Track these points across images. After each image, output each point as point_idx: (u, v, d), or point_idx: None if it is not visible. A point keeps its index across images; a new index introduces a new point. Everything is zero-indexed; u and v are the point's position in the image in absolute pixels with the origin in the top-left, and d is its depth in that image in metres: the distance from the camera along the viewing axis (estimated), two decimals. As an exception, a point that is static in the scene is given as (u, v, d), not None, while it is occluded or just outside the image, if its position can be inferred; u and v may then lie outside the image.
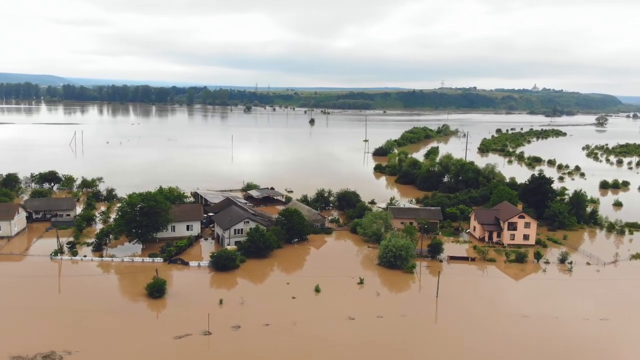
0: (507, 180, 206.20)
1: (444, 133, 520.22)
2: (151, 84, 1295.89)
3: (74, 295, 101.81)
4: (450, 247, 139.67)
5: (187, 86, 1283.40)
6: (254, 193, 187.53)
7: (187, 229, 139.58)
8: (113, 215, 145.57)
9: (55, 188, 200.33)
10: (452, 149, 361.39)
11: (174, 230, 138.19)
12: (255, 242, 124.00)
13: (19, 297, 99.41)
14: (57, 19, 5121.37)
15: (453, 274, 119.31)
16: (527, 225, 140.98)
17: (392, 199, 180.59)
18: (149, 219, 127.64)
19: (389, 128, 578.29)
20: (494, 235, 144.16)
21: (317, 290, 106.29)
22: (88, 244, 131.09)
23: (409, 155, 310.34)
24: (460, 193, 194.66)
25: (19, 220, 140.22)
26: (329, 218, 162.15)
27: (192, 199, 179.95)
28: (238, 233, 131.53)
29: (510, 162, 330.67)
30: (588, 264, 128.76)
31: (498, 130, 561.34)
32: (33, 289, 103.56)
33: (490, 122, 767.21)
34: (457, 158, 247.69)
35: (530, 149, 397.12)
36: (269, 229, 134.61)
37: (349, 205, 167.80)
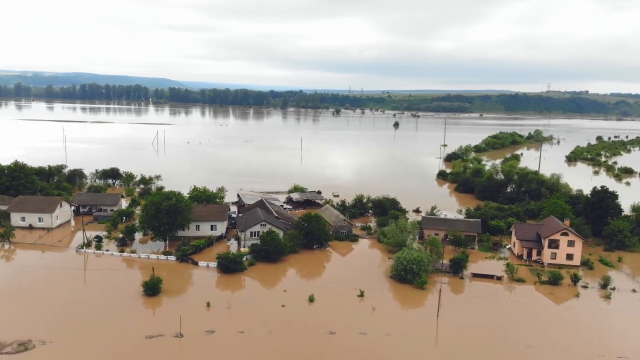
0: (575, 192, 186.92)
1: (535, 139, 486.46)
2: (254, 87, 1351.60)
3: (75, 287, 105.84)
4: (483, 264, 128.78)
5: (286, 89, 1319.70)
6: (294, 196, 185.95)
7: (211, 229, 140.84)
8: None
9: (116, 184, 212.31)
10: (542, 156, 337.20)
11: (198, 230, 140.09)
12: (266, 246, 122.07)
13: (23, 285, 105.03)
14: (169, 25, 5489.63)
15: (469, 293, 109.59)
16: (570, 243, 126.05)
17: (433, 207, 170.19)
18: (170, 217, 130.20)
19: (478, 132, 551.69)
20: (534, 253, 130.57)
21: (311, 299, 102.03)
22: (117, 239, 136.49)
23: (483, 162, 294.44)
24: (517, 205, 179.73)
25: (62, 213, 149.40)
26: (359, 225, 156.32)
27: (223, 199, 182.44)
28: (254, 235, 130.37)
29: (597, 172, 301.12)
30: (634, 290, 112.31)
31: (598, 138, 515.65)
32: (42, 279, 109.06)
33: (596, 128, 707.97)
34: (522, 167, 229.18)
35: (626, 160, 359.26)
36: (286, 233, 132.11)
37: (383, 212, 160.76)
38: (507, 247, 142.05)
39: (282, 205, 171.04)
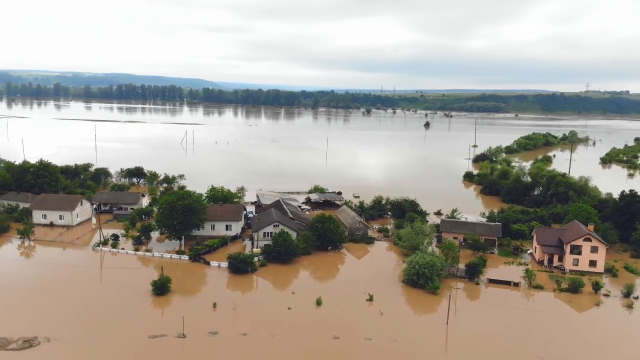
0: (604, 196, 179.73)
1: (570, 140, 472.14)
2: (286, 87, 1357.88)
3: (87, 285, 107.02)
4: (501, 269, 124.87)
5: (318, 90, 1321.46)
6: (313, 196, 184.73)
7: (226, 229, 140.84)
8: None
9: (141, 183, 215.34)
10: (575, 158, 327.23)
11: (213, 229, 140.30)
12: (277, 247, 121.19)
13: (36, 282, 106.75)
14: (204, 26, 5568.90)
15: (484, 300, 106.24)
16: (594, 249, 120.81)
17: (453, 210, 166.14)
18: (184, 216, 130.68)
19: (512, 133, 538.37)
20: (555, 258, 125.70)
21: (319, 303, 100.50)
22: (133, 238, 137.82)
23: (513, 164, 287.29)
24: (543, 208, 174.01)
25: (82, 211, 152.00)
26: (376, 227, 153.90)
27: (243, 199, 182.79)
28: (267, 236, 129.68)
29: (631, 175, 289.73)
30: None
31: (637, 139, 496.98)
32: (56, 276, 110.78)
33: (636, 129, 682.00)
34: (551, 169, 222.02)
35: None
36: (299, 234, 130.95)
37: (401, 214, 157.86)
38: (529, 252, 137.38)
39: (299, 206, 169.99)
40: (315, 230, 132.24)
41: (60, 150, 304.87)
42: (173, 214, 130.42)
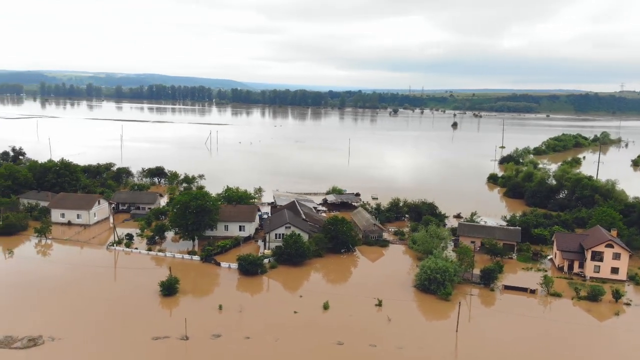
0: (631, 200, 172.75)
1: (602, 142, 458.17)
2: (314, 88, 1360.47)
3: (97, 284, 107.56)
4: (519, 275, 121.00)
5: (345, 89, 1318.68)
6: (330, 198, 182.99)
7: (240, 230, 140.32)
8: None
9: (162, 182, 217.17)
10: (605, 160, 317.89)
11: (226, 230, 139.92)
12: (288, 249, 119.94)
13: (47, 280, 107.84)
14: (235, 27, 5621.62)
15: (498, 307, 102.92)
16: (616, 256, 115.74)
17: (473, 213, 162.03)
18: (197, 217, 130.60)
19: (543, 134, 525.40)
20: (576, 265, 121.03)
21: (326, 307, 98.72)
22: (148, 238, 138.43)
23: (540, 166, 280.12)
24: (566, 212, 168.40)
25: (100, 210, 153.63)
26: (392, 230, 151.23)
27: (260, 199, 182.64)
28: (278, 237, 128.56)
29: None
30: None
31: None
32: (68, 275, 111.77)
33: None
34: (577, 171, 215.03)
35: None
36: (311, 236, 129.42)
37: (419, 217, 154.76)
38: (549, 257, 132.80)
39: (315, 207, 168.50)
40: (328, 232, 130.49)
41: (87, 150, 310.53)
42: (186, 215, 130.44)
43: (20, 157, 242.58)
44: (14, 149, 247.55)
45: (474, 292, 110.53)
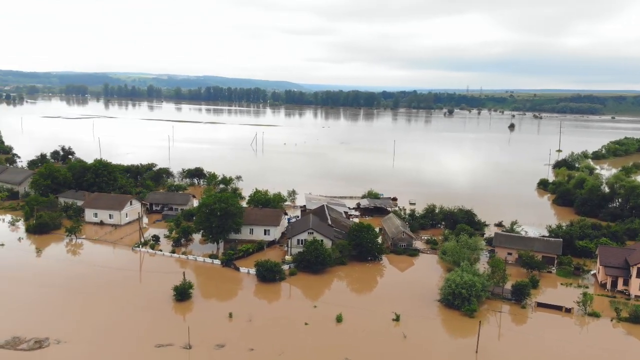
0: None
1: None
2: (369, 88, 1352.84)
3: (115, 286, 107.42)
4: (556, 291, 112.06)
5: (400, 90, 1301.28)
6: (363, 202, 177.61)
7: (265, 234, 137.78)
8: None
9: (201, 183, 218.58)
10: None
11: (251, 234, 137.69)
12: (308, 256, 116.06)
13: (66, 280, 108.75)
14: (291, 29, 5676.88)
15: (528, 326, 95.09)
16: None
17: (513, 222, 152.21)
18: (221, 220, 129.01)
19: (606, 137, 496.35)
20: (620, 282, 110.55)
21: (339, 319, 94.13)
22: (174, 239, 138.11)
23: (597, 171, 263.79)
24: (617, 223, 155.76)
25: (131, 210, 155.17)
26: (425, 238, 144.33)
27: (294, 202, 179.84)
28: (300, 243, 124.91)
29: None
30: None
31: None
32: (89, 275, 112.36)
33: None
34: (632, 179, 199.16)
35: None
36: (335, 243, 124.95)
37: (454, 225, 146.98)
38: (592, 273, 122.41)
39: (346, 212, 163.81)
40: (352, 239, 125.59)
41: (137, 150, 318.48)
42: (210, 217, 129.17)
43: (70, 156, 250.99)
44: (63, 148, 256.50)
45: (504, 308, 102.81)
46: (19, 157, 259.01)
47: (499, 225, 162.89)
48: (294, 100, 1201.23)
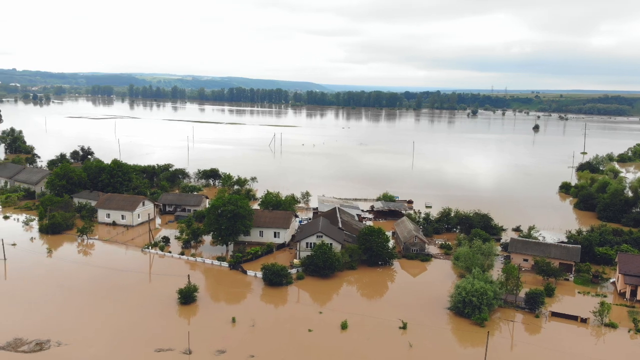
0: None
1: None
2: (392, 89, 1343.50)
3: (121, 287, 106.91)
4: (572, 300, 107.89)
5: (423, 90, 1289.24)
6: (377, 205, 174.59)
7: (274, 236, 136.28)
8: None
9: (216, 184, 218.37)
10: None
11: (261, 236, 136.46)
12: (315, 259, 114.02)
13: (74, 281, 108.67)
14: (315, 30, 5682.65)
15: (540, 337, 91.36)
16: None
17: (530, 227, 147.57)
18: (229, 222, 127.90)
19: (632, 139, 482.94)
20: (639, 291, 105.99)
21: (344, 326, 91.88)
22: (184, 241, 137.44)
23: (622, 174, 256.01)
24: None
25: (144, 211, 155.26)
26: (439, 242, 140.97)
27: (302, 205, 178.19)
28: (309, 247, 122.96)
29: None
30: None
31: None
32: (96, 276, 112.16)
33: None
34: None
35: None
36: (344, 247, 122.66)
37: (469, 229, 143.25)
38: (611, 281, 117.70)
39: (359, 215, 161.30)
40: (362, 243, 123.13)
41: (157, 150, 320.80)
42: (219, 219, 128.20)
43: (89, 156, 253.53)
44: (82, 149, 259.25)
45: (517, 317, 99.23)
46: (39, 157, 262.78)
47: (517, 230, 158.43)
48: (315, 101, 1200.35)
